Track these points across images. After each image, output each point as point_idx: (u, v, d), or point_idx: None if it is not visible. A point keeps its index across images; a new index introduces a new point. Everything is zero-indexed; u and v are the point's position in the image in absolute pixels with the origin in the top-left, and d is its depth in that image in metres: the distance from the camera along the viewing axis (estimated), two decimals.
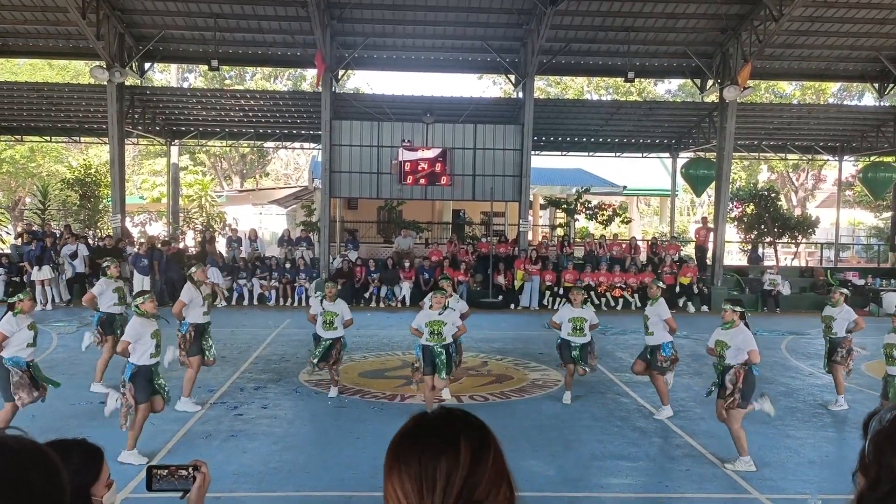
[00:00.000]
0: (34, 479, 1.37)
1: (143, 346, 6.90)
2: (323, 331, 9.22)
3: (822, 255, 27.27)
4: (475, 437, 1.26)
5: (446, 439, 1.24)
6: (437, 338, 8.18)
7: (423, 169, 19.66)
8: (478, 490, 1.20)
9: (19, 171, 32.11)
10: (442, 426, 1.29)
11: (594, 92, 38.09)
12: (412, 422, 1.32)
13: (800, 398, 9.86)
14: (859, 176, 25.78)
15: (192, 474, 2.05)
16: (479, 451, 1.24)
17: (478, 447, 1.24)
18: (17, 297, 7.32)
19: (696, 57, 19.71)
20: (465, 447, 1.23)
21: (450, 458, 1.21)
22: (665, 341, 8.71)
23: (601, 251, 20.38)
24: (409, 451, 1.24)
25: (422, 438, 1.26)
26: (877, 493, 1.35)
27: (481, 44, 19.64)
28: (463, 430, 1.27)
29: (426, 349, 8.24)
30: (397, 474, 1.23)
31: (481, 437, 1.27)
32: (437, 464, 1.20)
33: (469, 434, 1.26)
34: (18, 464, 1.37)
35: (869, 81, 22.06)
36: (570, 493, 6.27)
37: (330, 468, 6.75)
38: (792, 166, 36.51)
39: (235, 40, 19.98)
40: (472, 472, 1.21)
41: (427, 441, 1.25)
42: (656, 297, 8.95)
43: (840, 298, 9.55)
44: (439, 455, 1.21)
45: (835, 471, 6.89)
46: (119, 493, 5.80)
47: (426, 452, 1.22)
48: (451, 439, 1.24)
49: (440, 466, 1.20)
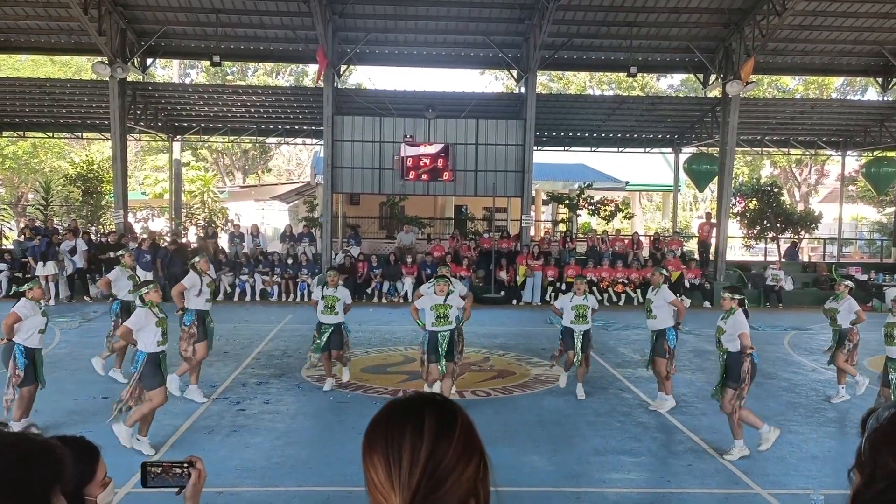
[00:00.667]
0: (33, 480, 1.37)
1: (149, 335, 6.97)
2: (324, 316, 9.29)
3: (824, 251, 27.24)
4: (439, 412, 1.27)
5: (410, 415, 1.26)
6: (444, 321, 8.25)
7: (425, 164, 19.64)
8: (443, 463, 1.21)
9: (22, 167, 32.15)
10: (409, 405, 1.30)
11: (596, 87, 38.03)
12: (384, 406, 1.34)
13: (802, 393, 9.85)
14: (862, 171, 25.72)
15: (187, 471, 2.06)
16: (444, 424, 1.25)
17: (442, 421, 1.25)
18: (27, 286, 7.53)
19: (698, 52, 19.67)
20: (429, 421, 1.24)
21: (413, 433, 1.22)
22: (669, 326, 8.79)
23: (603, 247, 20.37)
24: (378, 431, 1.26)
25: (391, 418, 1.28)
26: (872, 490, 1.35)
27: (483, 39, 19.62)
28: (427, 406, 1.28)
29: (432, 335, 8.28)
30: (369, 454, 1.26)
31: (446, 411, 1.28)
32: (402, 439, 1.22)
33: (433, 409, 1.27)
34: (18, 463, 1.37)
35: (872, 76, 22.01)
36: (571, 488, 6.28)
37: (332, 463, 6.76)
38: (795, 161, 36.42)
39: (237, 36, 19.97)
40: (436, 446, 1.21)
41: (394, 418, 1.27)
42: (659, 285, 9.02)
43: (845, 291, 9.56)
44: (403, 430, 1.23)
45: (836, 466, 6.88)
46: (120, 487, 5.83)
47: (393, 429, 1.24)
48: (415, 415, 1.26)
49: (405, 442, 1.22)
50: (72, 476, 2.05)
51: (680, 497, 6.19)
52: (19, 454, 1.40)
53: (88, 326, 14.23)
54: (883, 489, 1.33)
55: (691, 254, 23.05)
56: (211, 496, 5.70)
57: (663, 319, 8.85)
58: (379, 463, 1.23)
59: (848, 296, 9.52)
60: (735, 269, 21.65)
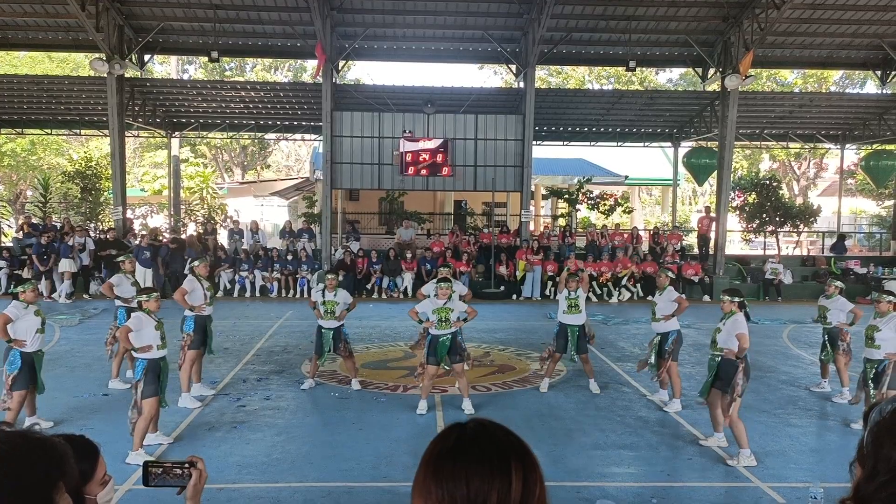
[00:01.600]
0: (36, 478, 1.38)
1: (147, 339, 6.93)
2: (324, 321, 9.29)
3: (823, 244, 27.24)
4: (525, 464, 1.19)
5: (497, 464, 1.16)
6: (446, 325, 8.24)
7: (424, 159, 19.63)
8: None
9: (20, 164, 32.11)
10: (488, 448, 1.20)
11: (595, 81, 38.00)
12: (452, 439, 1.22)
13: (801, 387, 9.87)
14: (861, 164, 25.72)
15: (188, 471, 2.08)
16: (529, 479, 1.18)
17: (528, 476, 1.18)
18: (21, 287, 7.49)
19: (697, 46, 19.64)
20: (517, 476, 1.16)
21: (501, 488, 1.14)
22: (673, 329, 8.75)
23: (603, 241, 20.38)
24: (453, 475, 1.15)
25: (468, 461, 1.17)
26: (873, 483, 1.35)
27: (482, 33, 19.58)
28: (512, 455, 1.19)
29: (433, 339, 8.26)
30: (437, 497, 1.15)
31: (530, 463, 1.21)
32: (487, 493, 1.13)
33: (519, 461, 1.19)
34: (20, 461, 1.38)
35: (871, 69, 21.97)
36: (572, 482, 6.29)
37: (333, 459, 6.77)
38: (794, 155, 36.43)
39: (235, 31, 19.94)
40: (523, 502, 1.15)
41: (474, 465, 1.16)
42: (664, 287, 8.97)
43: (835, 291, 9.53)
44: (490, 483, 1.14)
45: (835, 459, 6.90)
46: (121, 484, 5.84)
47: (474, 479, 1.14)
48: (502, 464, 1.17)
49: (491, 496, 1.13)
50: (74, 474, 2.07)
51: (680, 491, 6.21)
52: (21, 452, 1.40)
53: (88, 323, 14.24)
54: (885, 482, 1.34)
55: (691, 248, 23.09)
56: (212, 492, 5.71)
57: (670, 322, 8.78)
58: None
59: (839, 296, 9.48)
60: (734, 262, 21.67)
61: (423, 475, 1.18)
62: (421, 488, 1.17)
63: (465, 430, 1.23)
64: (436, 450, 1.21)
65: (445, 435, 1.24)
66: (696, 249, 22.22)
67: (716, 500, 6.04)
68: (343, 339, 9.36)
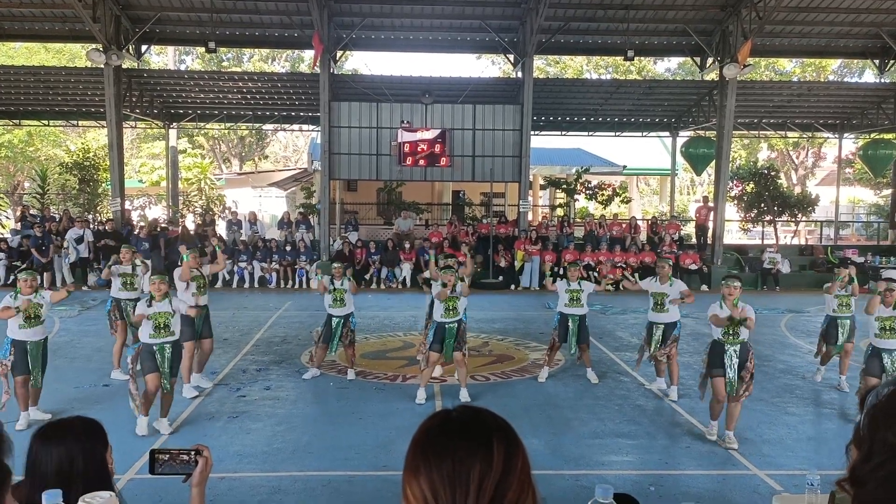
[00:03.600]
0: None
1: (147, 324, 7.22)
2: (333, 309, 9.34)
3: (821, 233, 27.29)
4: (507, 440, 1.23)
5: (479, 440, 1.20)
6: (453, 313, 8.30)
7: (422, 150, 19.62)
8: (508, 495, 1.17)
9: (17, 155, 32.02)
10: (472, 426, 1.24)
11: (593, 71, 37.92)
12: (438, 420, 1.26)
13: (799, 375, 9.91)
14: (859, 153, 25.72)
15: (194, 459, 2.10)
16: (511, 453, 1.21)
17: (510, 450, 1.21)
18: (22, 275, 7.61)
19: (695, 35, 19.60)
20: (498, 449, 1.20)
21: (483, 460, 1.17)
22: (678, 319, 8.79)
23: (601, 231, 20.40)
24: (439, 451, 1.19)
25: (453, 438, 1.21)
26: (869, 464, 1.37)
27: (480, 23, 19.52)
28: (495, 430, 1.23)
29: (440, 326, 8.31)
30: (426, 474, 1.18)
31: (512, 440, 1.24)
32: (470, 465, 1.17)
33: (500, 435, 1.22)
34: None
35: (869, 58, 21.94)
36: (571, 470, 6.33)
37: (332, 448, 6.81)
38: (792, 144, 36.41)
39: (232, 22, 19.85)
40: (504, 476, 1.18)
41: (458, 441, 1.20)
42: (670, 277, 8.92)
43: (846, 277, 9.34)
44: (473, 456, 1.18)
45: (832, 447, 6.94)
46: (122, 474, 5.87)
47: (458, 452, 1.18)
48: (484, 440, 1.20)
49: (474, 468, 1.16)
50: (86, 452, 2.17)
51: (677, 478, 6.25)
52: None
53: (87, 315, 14.26)
54: (880, 463, 1.35)
55: (689, 238, 23.11)
56: (213, 482, 5.72)
57: (675, 311, 8.79)
58: (440, 485, 1.17)
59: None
60: (732, 252, 21.69)
61: (413, 455, 1.23)
62: (411, 468, 1.21)
63: (452, 412, 1.29)
64: (423, 431, 1.26)
65: (433, 417, 1.29)
66: (694, 239, 22.25)
67: (713, 487, 6.09)
68: (350, 327, 9.41)
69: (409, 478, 1.21)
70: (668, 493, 5.90)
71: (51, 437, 2.17)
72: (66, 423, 2.23)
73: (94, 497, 1.76)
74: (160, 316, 7.20)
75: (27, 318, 7.37)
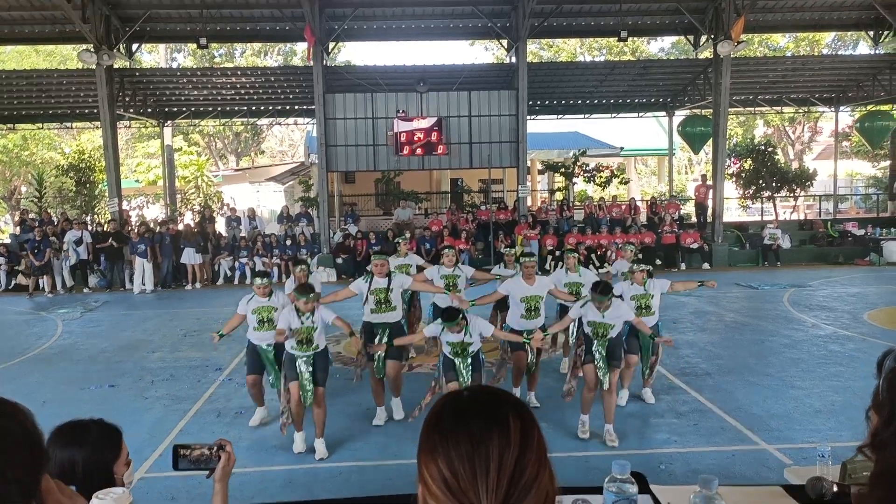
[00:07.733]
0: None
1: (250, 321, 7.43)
2: (376, 315, 7.66)
3: (820, 208, 27.27)
4: (522, 415, 1.22)
5: (495, 417, 1.20)
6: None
7: (419, 139, 19.57)
8: (527, 471, 1.17)
9: (13, 160, 31.96)
10: (487, 403, 1.24)
11: (587, 53, 37.77)
12: (451, 399, 1.26)
13: (803, 349, 9.92)
14: (856, 126, 25.66)
15: (216, 454, 2.08)
16: (527, 428, 1.21)
17: (526, 425, 1.21)
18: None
19: (688, 13, 19.50)
20: (514, 425, 1.19)
21: (501, 436, 1.17)
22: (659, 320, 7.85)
23: (601, 213, 20.39)
24: (456, 430, 1.18)
25: (468, 416, 1.21)
26: (891, 429, 1.37)
27: (472, 9, 19.42)
28: (509, 408, 1.22)
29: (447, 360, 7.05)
30: (444, 454, 1.17)
31: (527, 416, 1.23)
32: (489, 442, 1.16)
33: (515, 412, 1.22)
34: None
35: (864, 30, 21.86)
36: (580, 452, 6.35)
37: (341, 440, 6.83)
38: (788, 120, 36.32)
39: (223, 17, 19.75)
40: (522, 452, 1.17)
41: (474, 419, 1.20)
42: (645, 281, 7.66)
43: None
44: (490, 432, 1.17)
45: (841, 419, 6.96)
46: (135, 472, 5.89)
47: (475, 430, 1.17)
48: (500, 417, 1.20)
49: (492, 444, 1.16)
50: (92, 457, 2.13)
51: (687, 456, 6.27)
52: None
53: (90, 316, 14.25)
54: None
55: (689, 217, 23.11)
56: None
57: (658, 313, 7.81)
58: (460, 463, 1.15)
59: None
60: (732, 229, 21.69)
61: (428, 436, 1.22)
62: (427, 449, 1.21)
63: (464, 391, 1.29)
64: (437, 411, 1.25)
65: (445, 397, 1.28)
66: (694, 218, 22.24)
67: (723, 463, 6.10)
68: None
69: (426, 459, 1.20)
70: (677, 470, 5.92)
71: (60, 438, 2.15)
72: (82, 426, 2.20)
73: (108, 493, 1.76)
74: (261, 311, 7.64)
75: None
